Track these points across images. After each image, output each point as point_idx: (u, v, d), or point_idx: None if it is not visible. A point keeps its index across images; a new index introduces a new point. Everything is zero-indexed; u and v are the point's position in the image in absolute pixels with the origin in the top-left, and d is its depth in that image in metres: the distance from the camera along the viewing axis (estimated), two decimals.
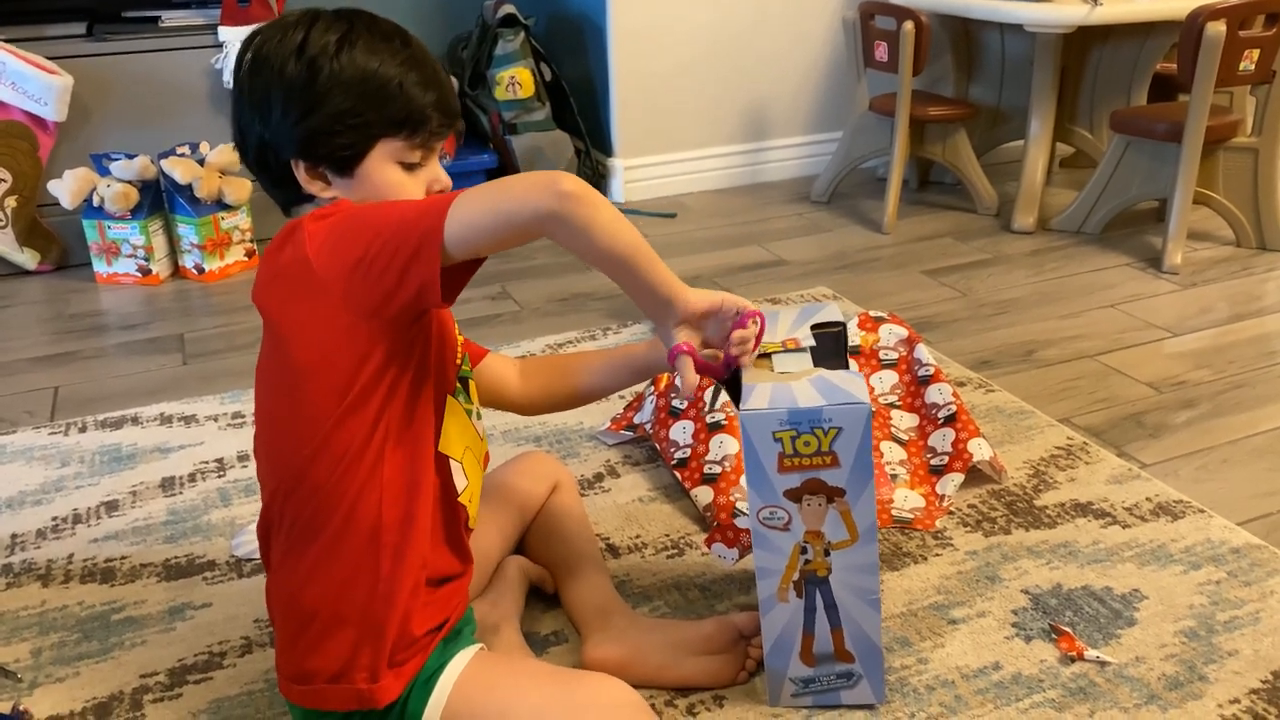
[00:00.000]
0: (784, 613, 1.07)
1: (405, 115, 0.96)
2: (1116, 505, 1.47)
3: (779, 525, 1.03)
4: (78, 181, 2.31)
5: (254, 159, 0.99)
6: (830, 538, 1.04)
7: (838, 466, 1.01)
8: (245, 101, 0.97)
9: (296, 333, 0.93)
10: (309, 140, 0.95)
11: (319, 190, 0.97)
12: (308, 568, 0.95)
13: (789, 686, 1.11)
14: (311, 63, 0.94)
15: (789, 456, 1.00)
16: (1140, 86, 2.77)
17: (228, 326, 2.16)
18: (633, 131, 2.90)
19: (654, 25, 2.81)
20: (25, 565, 1.39)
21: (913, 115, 2.63)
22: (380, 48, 0.96)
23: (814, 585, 1.06)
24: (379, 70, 0.95)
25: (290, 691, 0.98)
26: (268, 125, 0.95)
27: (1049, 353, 1.97)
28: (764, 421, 0.99)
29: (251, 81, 0.96)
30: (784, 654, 1.09)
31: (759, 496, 1.02)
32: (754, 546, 1.05)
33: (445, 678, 0.97)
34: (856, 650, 1.09)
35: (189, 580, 1.35)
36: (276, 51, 0.95)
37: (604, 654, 1.14)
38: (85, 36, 2.43)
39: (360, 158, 0.96)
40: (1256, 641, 1.20)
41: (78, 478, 1.60)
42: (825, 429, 0.99)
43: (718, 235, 2.67)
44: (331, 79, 0.94)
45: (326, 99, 0.94)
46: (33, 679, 1.19)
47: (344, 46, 0.94)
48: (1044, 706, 1.11)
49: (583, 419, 1.72)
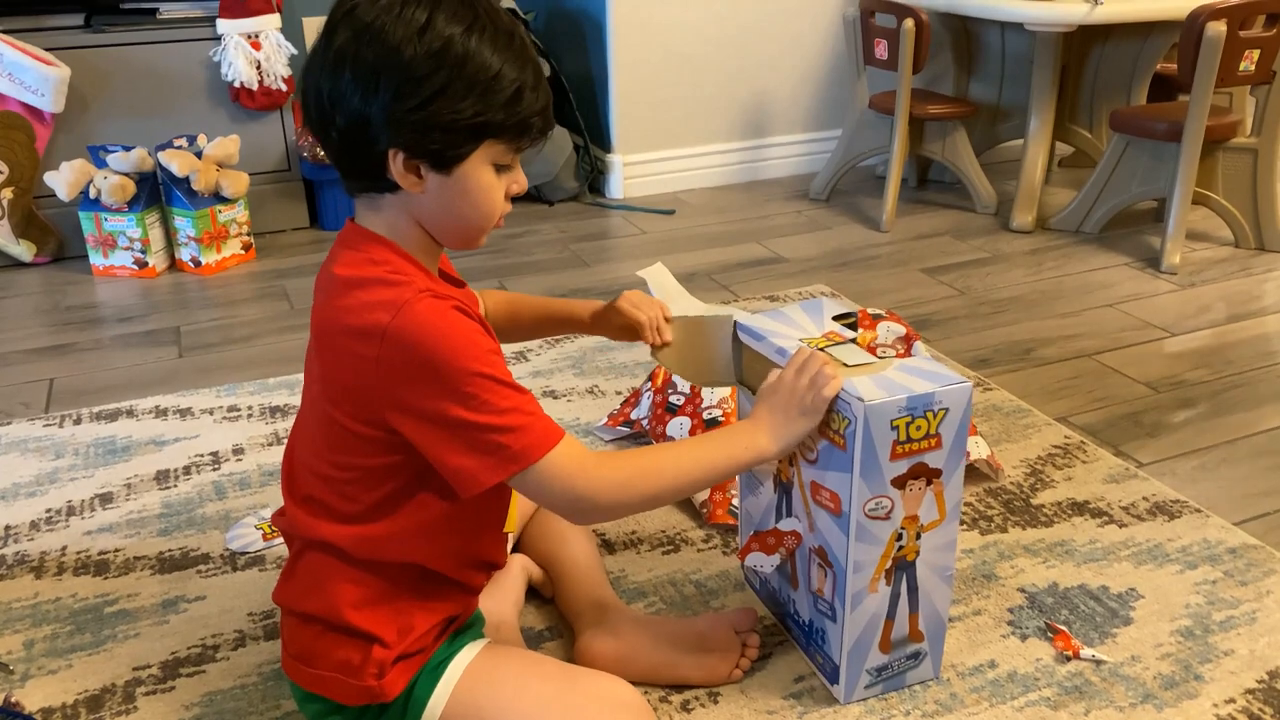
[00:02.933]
0: (872, 604, 1.07)
1: (519, 120, 0.89)
2: (1113, 504, 1.46)
3: (882, 515, 1.03)
4: (74, 173, 2.31)
5: (341, 137, 0.89)
6: (924, 520, 1.05)
7: (940, 448, 1.02)
8: (348, 71, 0.86)
9: (336, 391, 0.92)
10: (418, 133, 0.86)
11: (411, 185, 0.89)
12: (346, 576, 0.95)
13: (864, 679, 1.11)
14: (437, 52, 0.85)
15: (902, 443, 1.00)
16: (1140, 86, 2.77)
17: (224, 320, 2.16)
18: (632, 127, 2.90)
19: (653, 21, 2.80)
20: (18, 557, 1.39)
21: (912, 113, 2.62)
22: (503, 45, 0.88)
23: (902, 570, 1.06)
24: (503, 71, 0.87)
25: (297, 673, 0.98)
26: (370, 104, 0.86)
27: (1047, 351, 1.97)
28: (885, 411, 0.97)
29: (358, 50, 0.86)
30: (865, 647, 1.09)
31: (868, 488, 1.00)
32: (854, 540, 1.02)
33: (453, 668, 0.98)
34: (927, 629, 1.10)
35: (183, 573, 1.35)
36: (393, 27, 0.85)
37: (599, 649, 1.14)
38: (83, 28, 2.41)
39: (466, 157, 0.89)
40: (1253, 641, 1.20)
41: (72, 470, 1.59)
42: (935, 411, 1.00)
43: (716, 232, 2.66)
44: (455, 72, 0.85)
45: (448, 93, 0.85)
46: (25, 671, 1.18)
47: (470, 38, 0.86)
48: (1039, 705, 1.11)
49: (579, 414, 1.71)
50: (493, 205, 0.93)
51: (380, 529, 0.94)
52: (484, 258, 2.49)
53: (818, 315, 1.15)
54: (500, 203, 0.93)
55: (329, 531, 0.95)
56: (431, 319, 0.87)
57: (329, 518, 0.95)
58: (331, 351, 0.92)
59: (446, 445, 0.88)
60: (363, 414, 0.90)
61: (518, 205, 2.86)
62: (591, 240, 2.62)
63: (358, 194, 0.93)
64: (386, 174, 0.89)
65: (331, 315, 0.91)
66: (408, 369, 0.86)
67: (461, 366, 0.86)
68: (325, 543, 0.95)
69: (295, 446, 1.01)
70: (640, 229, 2.70)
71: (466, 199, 0.91)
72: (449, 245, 0.96)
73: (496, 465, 0.88)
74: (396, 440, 0.90)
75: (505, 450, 0.88)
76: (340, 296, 0.90)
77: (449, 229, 0.94)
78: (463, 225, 0.93)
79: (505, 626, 1.16)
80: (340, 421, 0.92)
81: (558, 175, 2.83)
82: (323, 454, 0.95)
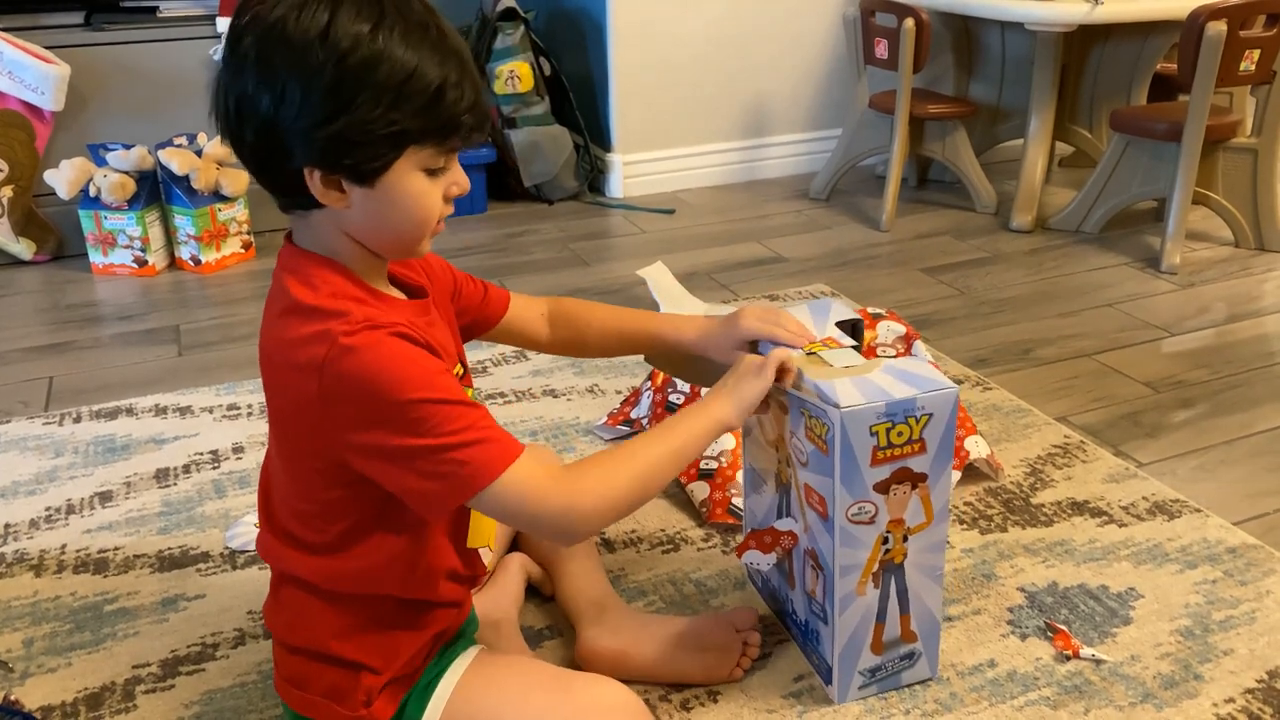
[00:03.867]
0: (860, 606, 1.06)
1: (443, 122, 0.82)
2: (1113, 504, 1.46)
3: (866, 519, 1.02)
4: (74, 171, 2.31)
5: (253, 151, 0.83)
6: (910, 523, 1.04)
7: (924, 453, 1.01)
8: (252, 76, 0.80)
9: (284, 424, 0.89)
10: (330, 149, 0.79)
11: (334, 201, 0.83)
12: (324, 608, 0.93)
13: (857, 679, 1.10)
14: (341, 57, 0.77)
15: (882, 449, 0.99)
16: (1140, 86, 2.77)
17: (224, 318, 2.16)
18: (632, 127, 2.90)
19: (654, 20, 2.80)
20: (18, 555, 1.38)
21: (912, 113, 2.62)
22: (416, 40, 0.80)
23: (889, 573, 1.06)
24: (418, 70, 0.79)
25: (288, 695, 0.96)
26: (278, 116, 0.79)
27: (1047, 351, 1.97)
28: (863, 416, 0.97)
29: (261, 53, 0.79)
30: (856, 649, 1.09)
31: (848, 493, 1.00)
32: (839, 545, 1.02)
33: (444, 684, 0.96)
34: (920, 629, 1.10)
35: (182, 571, 1.35)
36: (295, 29, 0.78)
37: (599, 647, 1.14)
38: (83, 26, 2.42)
39: (388, 168, 0.82)
40: (1252, 641, 1.20)
41: (72, 468, 1.59)
42: (918, 417, 0.99)
43: (716, 231, 2.66)
44: (363, 79, 0.78)
45: (356, 103, 0.78)
46: (24, 669, 1.18)
47: (377, 37, 0.78)
48: (1039, 704, 1.11)
49: (579, 414, 1.71)
50: (427, 212, 0.86)
51: (347, 562, 0.91)
52: (484, 257, 2.49)
53: (821, 318, 1.14)
54: (436, 207, 0.86)
55: (299, 566, 0.92)
56: (369, 353, 0.81)
57: (299, 549, 0.92)
58: (276, 385, 0.89)
59: (402, 474, 0.84)
60: (313, 446, 0.87)
61: (518, 205, 2.86)
62: (591, 239, 2.62)
63: (287, 210, 0.88)
64: (307, 190, 0.82)
65: (273, 348, 0.87)
66: (349, 405, 0.82)
67: (405, 398, 0.81)
68: (297, 577, 0.93)
69: (267, 474, 0.98)
70: (640, 228, 2.70)
71: (396, 209, 0.84)
72: (388, 256, 0.91)
73: (457, 485, 0.84)
74: (349, 473, 0.86)
75: (464, 467, 0.83)
76: (280, 328, 0.85)
77: (383, 241, 0.87)
78: (397, 236, 0.87)
79: (505, 625, 1.16)
80: (293, 455, 0.90)
81: (558, 174, 2.83)
82: (286, 485, 0.93)
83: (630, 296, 2.22)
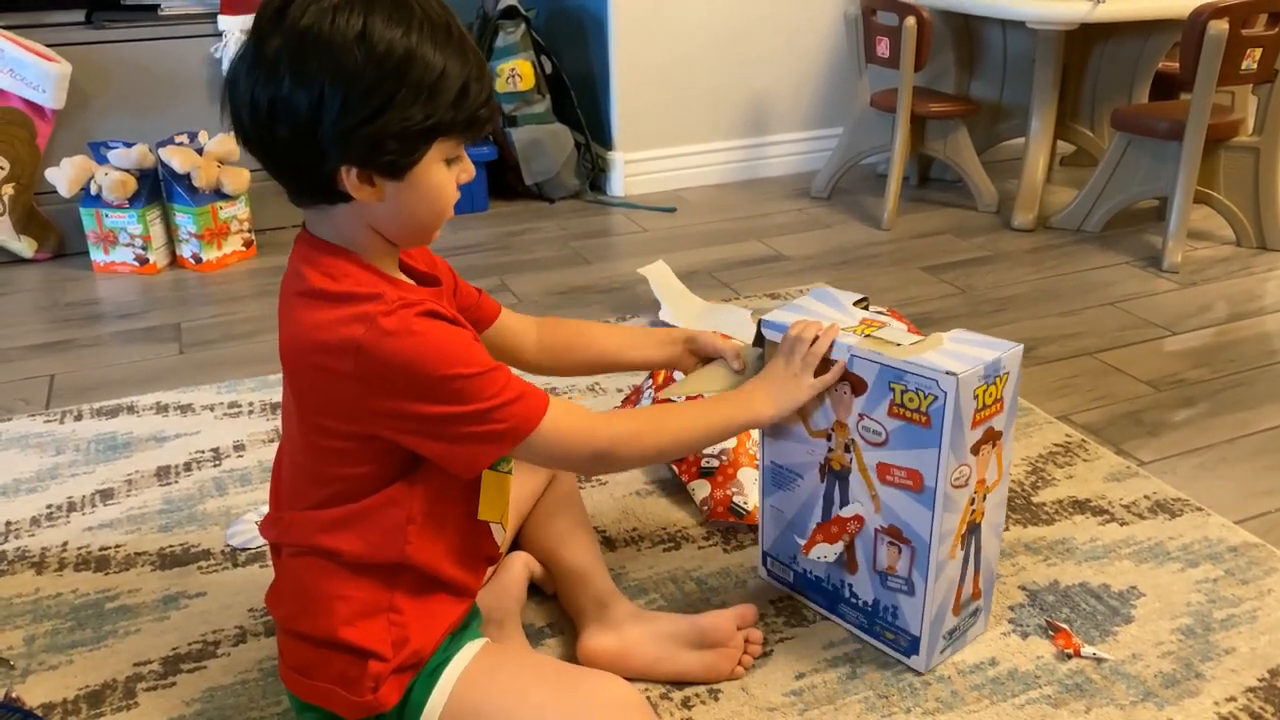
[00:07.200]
0: (952, 570, 1.10)
1: (468, 115, 0.88)
2: (1114, 503, 1.46)
3: (963, 483, 1.06)
4: (75, 169, 2.31)
5: (286, 151, 0.86)
6: (989, 481, 1.08)
7: (1003, 411, 1.07)
8: (287, 79, 0.82)
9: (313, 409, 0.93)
10: (369, 146, 0.84)
11: (367, 196, 0.87)
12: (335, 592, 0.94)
13: (940, 644, 1.13)
14: (380, 60, 0.82)
15: (980, 410, 1.03)
16: (1142, 85, 2.77)
17: (225, 316, 2.16)
18: (633, 125, 2.89)
19: (655, 18, 2.80)
20: (19, 553, 1.39)
21: (914, 111, 2.62)
22: (442, 40, 0.85)
23: (971, 534, 1.10)
24: (447, 68, 0.85)
25: (294, 683, 0.97)
26: (317, 117, 0.83)
27: (1048, 350, 1.97)
28: (969, 382, 1.01)
29: (296, 57, 0.82)
30: (942, 614, 1.12)
31: (955, 457, 1.03)
32: (941, 512, 1.05)
33: (450, 671, 0.97)
34: (984, 584, 1.14)
35: (183, 569, 1.35)
36: (330, 34, 0.81)
37: (600, 645, 1.14)
38: (84, 24, 2.41)
39: (420, 160, 0.87)
40: (1253, 639, 1.20)
41: (73, 465, 1.59)
42: (1001, 376, 1.04)
43: (717, 230, 2.66)
44: (401, 78, 0.83)
45: (395, 101, 0.83)
46: (25, 666, 1.18)
47: (410, 39, 0.83)
48: (1040, 703, 1.11)
49: None
50: (446, 200, 0.92)
51: (373, 532, 0.94)
52: (485, 255, 2.49)
53: (834, 304, 1.17)
54: (454, 195, 0.93)
55: (322, 539, 0.94)
56: (406, 330, 0.87)
57: (320, 527, 0.94)
58: (304, 370, 0.91)
59: (442, 439, 0.90)
60: (343, 428, 0.91)
61: (519, 203, 2.86)
62: (593, 238, 2.62)
63: (305, 205, 0.92)
64: (338, 187, 0.86)
65: (301, 334, 0.90)
66: (388, 381, 0.87)
67: (444, 372, 0.88)
68: (317, 549, 0.94)
69: (280, 462, 1.01)
70: (641, 227, 2.70)
71: (423, 200, 0.90)
72: (405, 245, 0.96)
73: (502, 441, 0.92)
74: (379, 446, 0.91)
75: (506, 423, 0.91)
76: (309, 315, 0.89)
77: (405, 230, 0.93)
78: (418, 225, 0.93)
79: (507, 623, 1.16)
80: (321, 438, 0.92)
81: (559, 173, 2.83)
82: (306, 468, 0.96)
83: (631, 295, 2.22)
